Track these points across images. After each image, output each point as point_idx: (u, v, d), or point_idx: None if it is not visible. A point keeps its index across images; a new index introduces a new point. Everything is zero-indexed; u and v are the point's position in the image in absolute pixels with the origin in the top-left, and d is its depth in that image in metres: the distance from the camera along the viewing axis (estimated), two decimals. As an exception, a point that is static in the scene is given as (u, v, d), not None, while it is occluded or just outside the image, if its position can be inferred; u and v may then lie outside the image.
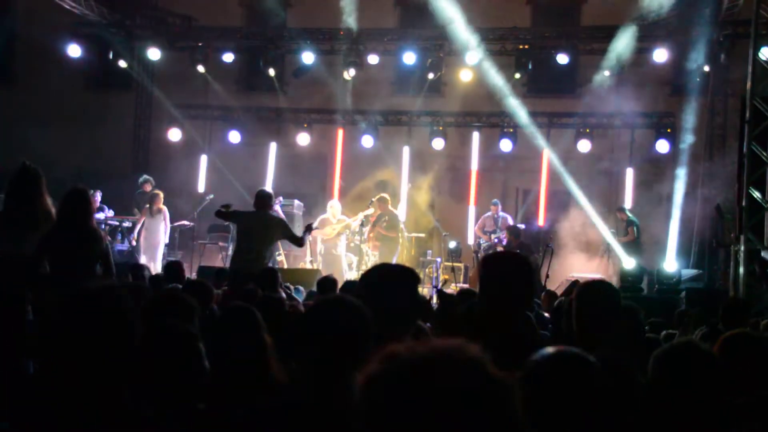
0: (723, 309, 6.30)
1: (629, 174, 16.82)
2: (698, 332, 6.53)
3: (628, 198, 16.52)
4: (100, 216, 14.54)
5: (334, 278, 8.18)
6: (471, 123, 17.78)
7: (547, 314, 7.57)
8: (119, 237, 15.85)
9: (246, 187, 14.58)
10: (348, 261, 14.82)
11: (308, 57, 17.15)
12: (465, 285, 15.16)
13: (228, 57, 17.47)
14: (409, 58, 16.75)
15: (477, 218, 16.60)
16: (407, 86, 19.07)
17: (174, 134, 17.77)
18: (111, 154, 18.85)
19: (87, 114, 19.38)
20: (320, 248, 15.18)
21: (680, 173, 15.66)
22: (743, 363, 3.13)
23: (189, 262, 14.46)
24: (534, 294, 3.41)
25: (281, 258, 15.18)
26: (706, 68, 15.83)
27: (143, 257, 14.14)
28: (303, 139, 17.52)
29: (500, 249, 14.60)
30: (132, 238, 14.69)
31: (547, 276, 13.50)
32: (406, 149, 17.86)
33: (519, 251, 14.08)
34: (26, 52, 20.02)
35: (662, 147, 15.93)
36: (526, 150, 17.15)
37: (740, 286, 10.75)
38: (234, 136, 17.67)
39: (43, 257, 6.36)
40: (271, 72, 17.43)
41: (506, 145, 16.70)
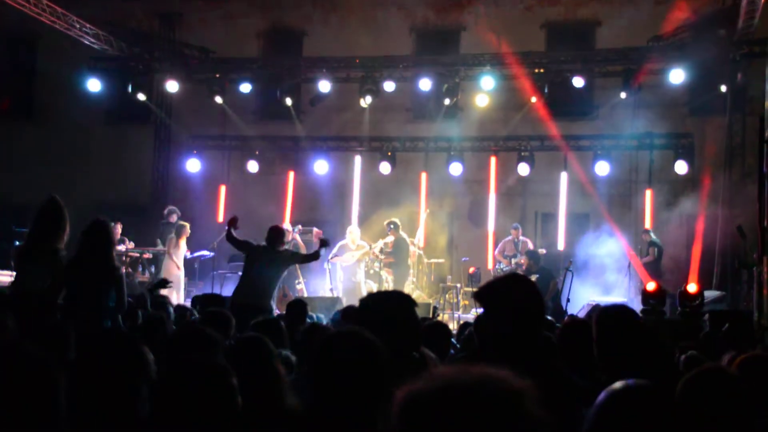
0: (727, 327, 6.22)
1: (648, 195, 16.73)
2: (726, 357, 6.43)
3: (648, 219, 16.42)
4: (121, 248, 14.64)
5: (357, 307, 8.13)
6: (488, 147, 17.78)
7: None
8: (140, 269, 15.94)
9: (265, 217, 14.60)
10: (368, 288, 14.81)
11: (324, 85, 17.27)
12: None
13: (245, 87, 17.61)
14: (425, 85, 16.82)
15: (496, 243, 16.56)
16: (423, 112, 19.12)
17: (193, 165, 17.88)
18: (130, 186, 19.01)
19: (106, 147, 19.60)
20: (340, 275, 15.20)
21: (700, 194, 15.58)
22: (760, 384, 3.08)
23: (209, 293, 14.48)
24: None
25: (301, 286, 15.21)
26: (723, 88, 15.77)
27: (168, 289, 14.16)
28: (321, 168, 17.58)
29: (520, 273, 14.53)
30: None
31: (568, 300, 13.43)
32: (424, 175, 17.88)
33: (539, 275, 14.03)
34: (46, 87, 20.30)
35: (681, 168, 15.83)
36: (544, 173, 17.13)
37: (764, 308, 10.63)
38: (252, 166, 17.75)
39: (61, 288, 6.43)
40: (288, 101, 17.55)
41: (524, 169, 16.66)
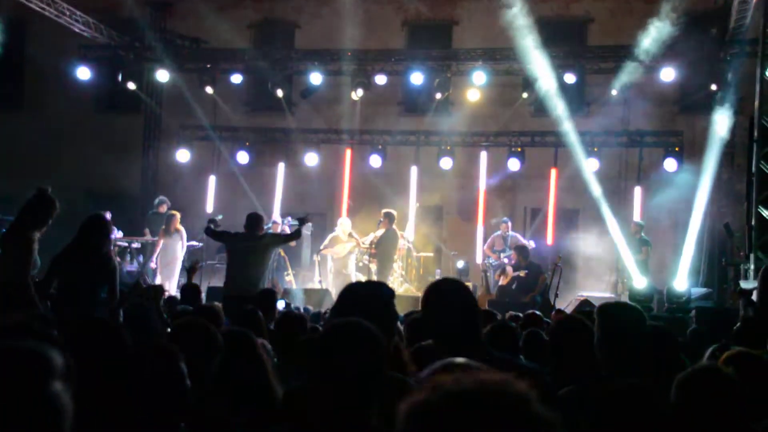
0: (738, 330, 6.20)
1: (637, 192, 16.80)
2: (708, 351, 6.47)
3: (636, 217, 16.48)
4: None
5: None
6: (479, 142, 17.81)
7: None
8: (128, 258, 15.90)
9: (254, 208, 14.59)
10: (357, 280, 14.82)
11: (316, 78, 17.25)
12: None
13: (236, 78, 17.57)
14: (417, 79, 16.83)
15: (485, 237, 16.59)
16: (415, 106, 19.14)
17: (182, 155, 17.83)
18: (120, 176, 18.93)
19: (96, 136, 19.47)
20: (330, 267, 15.20)
21: (689, 192, 15.65)
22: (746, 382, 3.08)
23: (198, 283, 14.45)
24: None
25: (290, 278, 15.21)
26: (714, 87, 15.84)
27: (159, 277, 14.17)
28: (311, 160, 17.56)
29: (509, 268, 14.58)
30: (152, 261, 14.66)
31: (557, 295, 13.49)
32: (414, 169, 17.88)
33: (528, 270, 14.08)
34: (35, 76, 20.18)
35: (670, 166, 15.91)
36: (534, 169, 17.18)
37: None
38: (242, 157, 17.72)
39: (54, 277, 6.45)
40: (279, 93, 17.52)
41: (514, 164, 16.71)
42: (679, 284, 13.63)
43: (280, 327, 4.75)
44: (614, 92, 16.18)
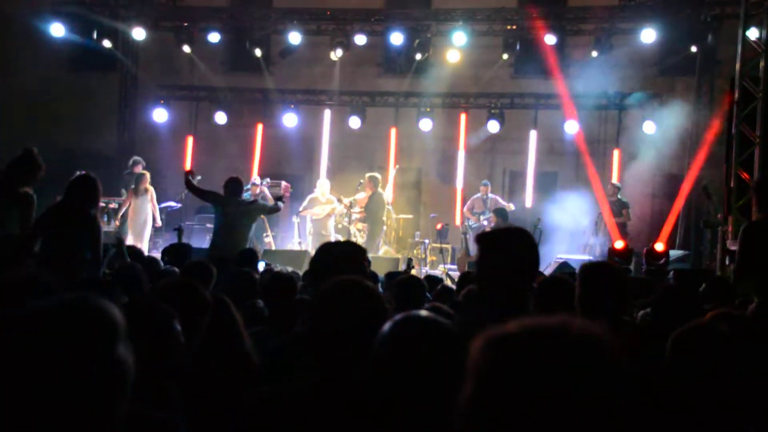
0: (706, 287, 6.28)
1: (616, 155, 16.86)
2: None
3: (615, 179, 16.55)
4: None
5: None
6: (458, 104, 17.76)
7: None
8: (105, 218, 15.75)
9: (233, 168, 14.47)
10: (332, 240, 14.82)
11: (295, 37, 17.05)
12: (453, 266, 15.23)
13: (214, 37, 17.31)
14: (397, 39, 16.70)
15: (465, 199, 16.61)
16: (394, 67, 19.01)
17: (159, 115, 17.64)
18: (96, 136, 18.66)
19: (71, 95, 19.15)
20: (309, 228, 15.17)
21: (667, 154, 15.72)
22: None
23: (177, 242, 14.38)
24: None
25: (269, 239, 15.15)
26: (694, 49, 15.85)
27: (129, 237, 14.06)
28: (290, 120, 17.43)
29: (487, 231, 14.58)
30: (116, 219, 14.60)
31: (536, 257, 13.51)
32: (394, 130, 17.82)
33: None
34: (6, 32, 19.74)
35: (649, 128, 15.96)
36: (514, 131, 17.17)
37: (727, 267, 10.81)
38: (220, 117, 17.55)
39: (38, 236, 6.41)
40: (258, 53, 17.31)
41: (494, 126, 16.69)
42: (659, 246, 13.71)
43: (272, 287, 4.72)
44: (594, 54, 16.13)
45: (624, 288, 3.68)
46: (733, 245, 9.34)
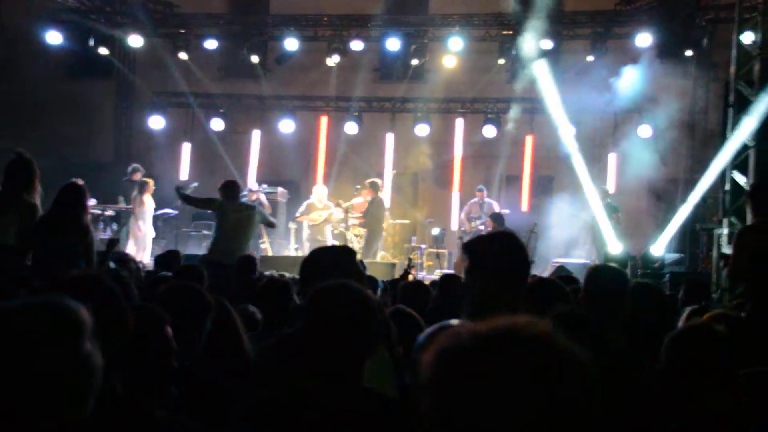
0: (685, 287, 6.39)
1: (612, 159, 16.88)
2: (685, 313, 6.60)
3: (611, 182, 16.57)
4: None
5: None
6: (455, 109, 17.79)
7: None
8: (101, 226, 15.73)
9: (229, 175, 14.48)
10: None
11: (291, 43, 17.07)
12: (450, 271, 15.21)
13: (210, 44, 17.34)
14: (393, 45, 16.72)
15: (461, 204, 16.61)
16: (391, 73, 19.03)
17: (156, 122, 17.65)
18: (92, 143, 18.69)
19: (67, 102, 19.13)
20: (306, 234, 15.17)
21: (664, 157, 15.73)
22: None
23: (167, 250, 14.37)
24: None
25: (265, 245, 15.16)
26: (689, 53, 15.88)
27: (134, 247, 14.02)
28: (286, 127, 17.45)
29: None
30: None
31: (533, 261, 13.51)
32: (390, 136, 17.83)
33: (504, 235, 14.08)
34: (5, 40, 19.76)
35: (644, 132, 15.98)
36: (510, 136, 17.18)
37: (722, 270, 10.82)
38: (217, 124, 17.56)
39: (30, 247, 6.34)
40: (254, 59, 17.35)
41: (490, 131, 16.72)
42: (656, 250, 13.73)
43: (266, 292, 4.73)
44: (590, 58, 16.16)
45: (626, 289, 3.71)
46: (728, 249, 9.38)
